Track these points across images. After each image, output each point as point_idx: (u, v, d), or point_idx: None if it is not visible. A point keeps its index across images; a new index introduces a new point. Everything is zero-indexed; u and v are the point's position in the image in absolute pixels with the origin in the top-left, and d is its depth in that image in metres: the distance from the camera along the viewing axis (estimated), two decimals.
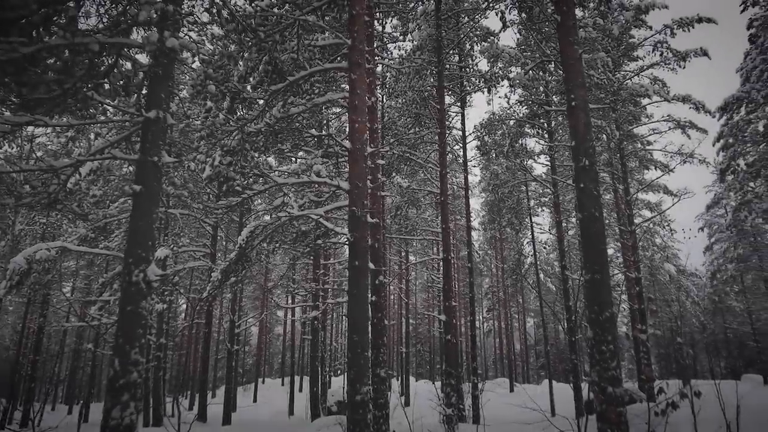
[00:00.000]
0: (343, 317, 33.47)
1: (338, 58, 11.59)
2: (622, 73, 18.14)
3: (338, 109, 17.79)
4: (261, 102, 9.85)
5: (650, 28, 17.62)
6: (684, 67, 17.37)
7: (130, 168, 16.41)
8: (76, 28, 5.22)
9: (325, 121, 17.08)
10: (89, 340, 24.62)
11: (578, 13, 16.64)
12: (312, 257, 18.37)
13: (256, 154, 9.95)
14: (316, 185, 10.34)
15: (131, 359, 5.58)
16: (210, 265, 18.77)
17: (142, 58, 9.56)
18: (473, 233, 33.96)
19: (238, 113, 10.61)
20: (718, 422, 7.83)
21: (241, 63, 9.47)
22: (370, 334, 11.13)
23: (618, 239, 19.29)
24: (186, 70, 17.02)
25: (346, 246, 15.32)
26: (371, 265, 8.34)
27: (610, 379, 6.98)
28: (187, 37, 9.25)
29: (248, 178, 9.17)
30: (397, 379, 30.58)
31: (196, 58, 9.46)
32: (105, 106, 6.94)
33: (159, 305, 16.69)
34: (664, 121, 17.96)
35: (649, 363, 17.61)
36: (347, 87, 8.11)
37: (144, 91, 7.21)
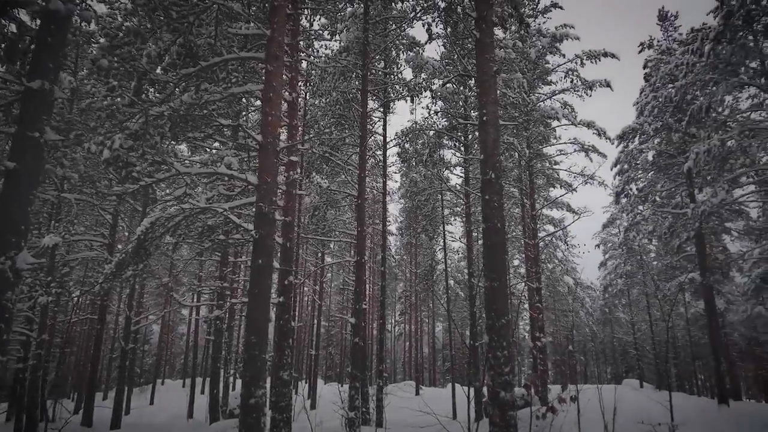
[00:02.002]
0: None
1: (261, 49, 11.22)
2: (536, 95, 19.28)
3: (261, 102, 17.25)
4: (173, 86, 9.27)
5: (563, 56, 18.96)
6: (590, 95, 18.83)
7: None
8: None
9: (244, 113, 16.47)
10: None
11: (500, 33, 17.50)
12: (219, 254, 17.59)
13: (166, 141, 9.33)
14: (227, 178, 9.90)
15: None
16: (107, 257, 17.36)
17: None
18: (391, 238, 34.47)
19: (151, 96, 9.91)
20: (599, 422, 8.53)
21: (151, 42, 8.84)
22: (275, 336, 10.84)
23: (523, 251, 20.42)
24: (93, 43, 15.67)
25: None
26: (276, 264, 8.10)
27: (502, 383, 7.23)
28: (89, 6, 8.47)
29: (150, 165, 8.56)
30: (306, 382, 30.14)
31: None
32: None
33: (43, 298, 15.12)
34: (570, 143, 19.28)
35: (546, 368, 18.78)
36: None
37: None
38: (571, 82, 18.80)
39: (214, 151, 14.19)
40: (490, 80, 8.40)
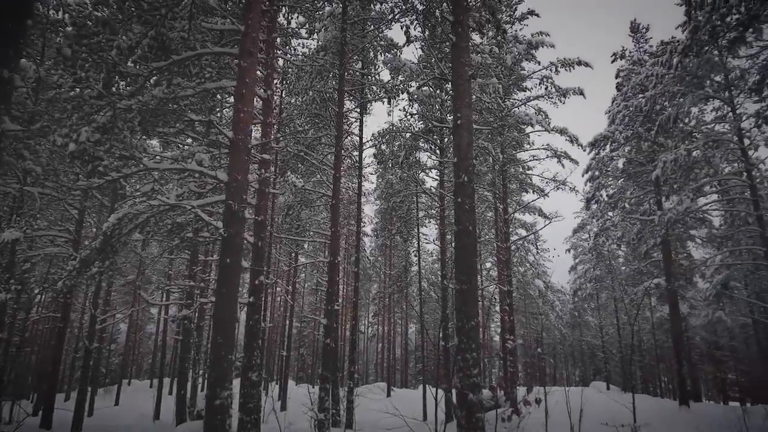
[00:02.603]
0: None
1: (236, 45, 11.05)
2: (511, 100, 19.53)
3: (233, 99, 16.97)
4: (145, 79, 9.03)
5: (539, 63, 19.26)
6: (564, 103, 19.21)
7: None
8: None
9: (218, 110, 16.20)
10: None
11: (478, 39, 17.67)
12: (189, 252, 17.22)
13: (136, 136, 9.09)
14: (197, 175, 9.71)
15: None
16: (71, 253, 16.83)
17: None
18: (366, 239, 34.39)
19: (122, 89, 9.64)
20: (565, 424, 8.68)
21: (122, 34, 8.60)
22: (243, 336, 10.68)
23: (495, 254, 20.65)
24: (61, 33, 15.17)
25: None
26: (246, 264, 7.97)
27: (471, 385, 7.27)
28: None
29: (118, 160, 8.32)
30: (277, 383, 29.82)
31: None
32: None
33: (1, 295, 14.54)
34: (543, 149, 19.57)
35: (516, 370, 19.02)
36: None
37: None
38: (546, 88, 19.12)
39: (186, 147, 13.90)
40: (465, 84, 8.46)
